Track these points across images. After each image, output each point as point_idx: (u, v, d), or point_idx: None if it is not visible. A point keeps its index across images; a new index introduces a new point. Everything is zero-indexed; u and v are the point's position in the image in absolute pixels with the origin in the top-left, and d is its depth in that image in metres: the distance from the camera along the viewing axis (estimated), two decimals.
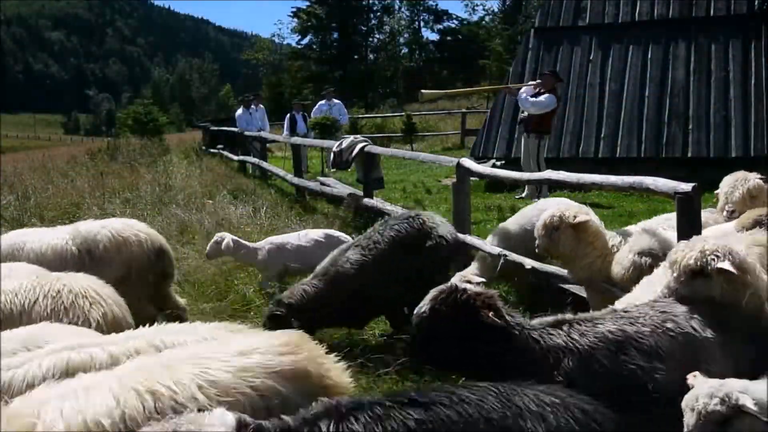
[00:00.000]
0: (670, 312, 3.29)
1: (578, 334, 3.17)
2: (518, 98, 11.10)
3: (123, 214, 10.00)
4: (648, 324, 3.21)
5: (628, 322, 3.22)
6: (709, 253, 3.41)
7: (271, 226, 8.79)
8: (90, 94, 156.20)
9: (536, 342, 3.15)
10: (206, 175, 14.02)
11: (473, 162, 7.40)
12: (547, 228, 4.64)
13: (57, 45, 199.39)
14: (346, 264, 5.37)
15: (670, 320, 3.23)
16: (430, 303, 3.24)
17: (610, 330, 3.18)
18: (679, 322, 3.23)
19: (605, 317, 3.31)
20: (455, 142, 22.57)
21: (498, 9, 53.14)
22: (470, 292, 3.22)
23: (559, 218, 4.60)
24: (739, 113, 11.80)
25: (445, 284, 3.33)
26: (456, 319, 3.15)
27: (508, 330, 3.15)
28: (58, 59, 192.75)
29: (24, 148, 49.02)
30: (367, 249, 5.39)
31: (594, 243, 4.62)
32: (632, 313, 3.32)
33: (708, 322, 3.25)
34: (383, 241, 5.38)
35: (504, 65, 33.76)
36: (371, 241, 5.43)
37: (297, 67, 52.16)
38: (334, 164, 10.73)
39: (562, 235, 4.58)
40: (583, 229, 4.58)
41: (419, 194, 12.37)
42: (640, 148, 12.17)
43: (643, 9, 13.16)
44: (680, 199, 4.16)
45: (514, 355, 3.13)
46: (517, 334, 3.15)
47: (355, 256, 5.38)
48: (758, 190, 5.15)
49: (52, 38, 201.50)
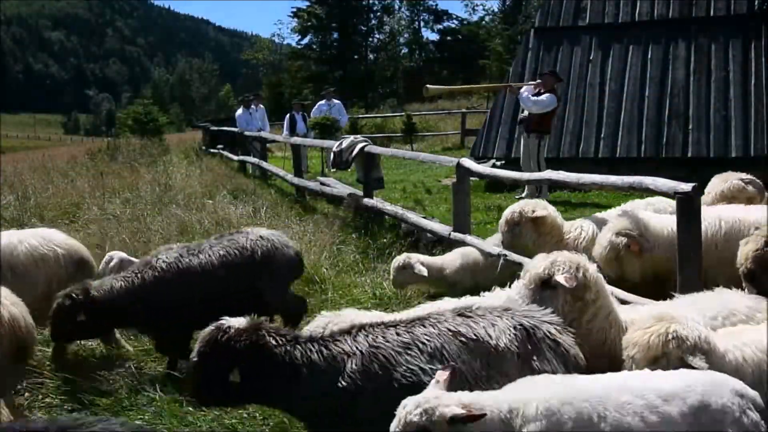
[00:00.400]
0: (478, 317, 3.29)
1: (364, 336, 3.23)
2: (519, 97, 11.09)
3: (123, 214, 10.03)
4: (441, 327, 3.23)
5: (421, 324, 3.27)
6: (557, 265, 3.48)
7: (271, 226, 8.79)
8: (90, 94, 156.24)
9: (319, 353, 3.22)
10: (206, 175, 14.02)
11: (473, 162, 7.41)
12: (509, 224, 4.99)
13: (57, 45, 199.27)
14: (161, 264, 4.88)
15: (466, 325, 3.23)
16: (198, 346, 3.33)
17: (398, 332, 3.24)
18: (473, 327, 3.22)
19: (400, 321, 3.36)
20: (455, 142, 22.56)
21: (498, 9, 53.20)
22: (232, 330, 3.28)
23: (519, 213, 4.94)
24: (739, 113, 11.79)
25: (213, 324, 3.36)
26: (223, 358, 3.22)
27: (278, 357, 3.24)
28: (58, 59, 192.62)
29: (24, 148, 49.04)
30: (188, 255, 4.94)
31: (551, 233, 4.94)
32: (431, 316, 3.36)
33: (525, 333, 3.22)
34: (209, 254, 4.94)
35: (504, 65, 33.78)
36: (198, 249, 5.00)
37: (297, 67, 52.18)
38: (334, 164, 10.73)
39: (523, 229, 4.94)
40: (541, 222, 4.90)
41: (419, 194, 12.37)
42: (640, 148, 12.17)
43: (643, 9, 13.16)
44: (680, 199, 4.16)
45: (292, 375, 3.21)
46: (284, 359, 3.24)
47: (171, 259, 4.91)
48: (734, 191, 5.22)
49: (52, 38, 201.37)
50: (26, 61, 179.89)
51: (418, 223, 7.89)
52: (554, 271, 3.51)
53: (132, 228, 8.88)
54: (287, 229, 8.33)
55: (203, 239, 5.39)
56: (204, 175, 14.01)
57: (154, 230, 8.70)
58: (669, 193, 4.30)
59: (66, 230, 9.05)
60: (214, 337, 3.26)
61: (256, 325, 3.33)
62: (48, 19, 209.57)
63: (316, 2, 52.09)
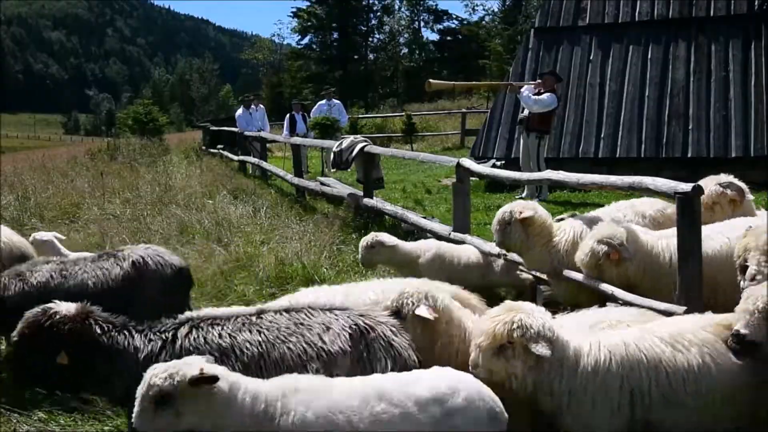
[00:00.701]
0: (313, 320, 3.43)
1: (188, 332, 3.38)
2: (520, 96, 11.09)
3: (123, 214, 10.04)
4: (268, 335, 3.37)
5: (257, 329, 3.40)
6: (406, 297, 3.67)
7: (271, 226, 8.79)
8: (90, 94, 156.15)
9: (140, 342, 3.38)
10: (206, 175, 14.02)
11: (473, 162, 7.41)
12: (500, 223, 5.13)
13: (57, 45, 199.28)
14: (32, 280, 4.63)
15: (307, 329, 3.38)
16: (20, 325, 3.46)
17: (220, 334, 3.37)
18: (306, 335, 3.36)
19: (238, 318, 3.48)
20: (455, 142, 22.57)
21: (498, 9, 53.22)
22: (57, 316, 3.41)
23: (510, 214, 5.10)
24: (739, 113, 11.79)
25: (40, 307, 3.50)
26: (44, 341, 3.36)
27: (101, 344, 3.40)
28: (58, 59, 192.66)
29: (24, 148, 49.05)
30: (59, 277, 4.68)
31: (540, 234, 5.08)
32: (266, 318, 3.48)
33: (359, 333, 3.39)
34: (81, 277, 4.70)
35: (504, 65, 33.75)
36: (70, 271, 4.74)
37: (297, 67, 52.21)
38: (334, 164, 10.73)
39: (513, 229, 5.07)
40: (529, 223, 5.04)
41: (419, 194, 12.37)
42: (640, 148, 12.16)
43: (643, 9, 13.15)
44: (680, 199, 4.16)
45: (110, 362, 3.37)
46: (107, 346, 3.39)
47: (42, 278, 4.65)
48: (715, 198, 5.24)
49: (52, 38, 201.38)
50: (26, 61, 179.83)
51: (418, 223, 7.89)
52: (402, 302, 3.65)
53: (132, 228, 8.89)
54: (287, 229, 8.36)
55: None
56: (204, 175, 14.01)
57: (154, 230, 8.71)
58: (669, 194, 4.30)
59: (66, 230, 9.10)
60: (37, 321, 3.41)
61: (85, 313, 3.47)
62: (48, 19, 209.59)
63: (316, 2, 52.13)
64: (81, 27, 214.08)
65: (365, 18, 54.29)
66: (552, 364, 3.18)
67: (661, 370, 3.22)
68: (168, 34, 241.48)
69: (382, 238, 5.96)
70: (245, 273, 7.00)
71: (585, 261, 4.63)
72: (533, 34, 14.06)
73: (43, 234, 6.27)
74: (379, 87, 52.99)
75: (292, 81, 50.92)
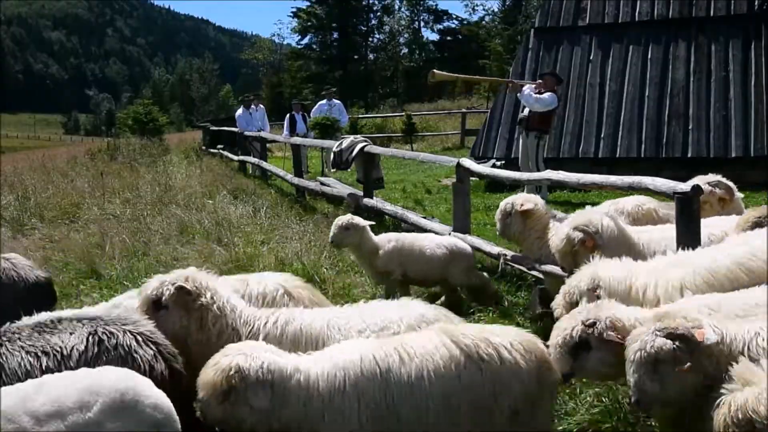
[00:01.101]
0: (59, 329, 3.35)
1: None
2: (521, 95, 11.07)
3: (123, 214, 10.04)
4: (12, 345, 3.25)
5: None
6: (166, 285, 3.66)
7: (271, 226, 8.80)
8: (90, 94, 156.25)
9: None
10: (206, 175, 14.03)
11: (473, 162, 7.41)
12: (503, 213, 5.44)
13: (57, 45, 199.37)
14: None
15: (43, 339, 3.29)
16: None
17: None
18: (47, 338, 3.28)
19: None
20: (455, 142, 22.57)
21: (498, 9, 53.24)
22: None
23: (512, 205, 5.39)
24: (739, 113, 11.79)
25: None
26: None
27: None
28: (58, 59, 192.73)
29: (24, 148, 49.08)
30: None
31: (535, 227, 5.36)
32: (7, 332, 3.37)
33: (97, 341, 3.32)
34: None
35: (504, 65, 33.79)
36: None
37: (297, 67, 52.24)
38: (334, 164, 10.73)
39: (513, 220, 5.39)
40: (528, 215, 5.32)
41: (419, 194, 12.38)
42: (640, 148, 12.17)
43: (643, 9, 13.16)
44: (679, 199, 4.17)
45: None
46: None
47: None
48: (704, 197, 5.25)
49: (52, 38, 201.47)
50: (26, 61, 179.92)
51: (418, 223, 7.89)
52: (163, 291, 3.63)
53: (132, 228, 8.89)
54: (287, 229, 8.36)
55: None
56: (204, 175, 14.02)
57: (154, 230, 8.71)
58: (668, 194, 4.31)
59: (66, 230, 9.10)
60: None
61: None
62: (48, 19, 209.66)
63: (316, 2, 52.14)
64: (81, 27, 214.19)
65: (365, 18, 54.31)
66: None
67: None
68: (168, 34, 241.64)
69: (356, 220, 6.00)
70: (245, 273, 7.00)
71: (560, 247, 4.74)
72: (533, 34, 14.06)
73: None
74: (379, 87, 53.01)
75: (292, 81, 50.95)
